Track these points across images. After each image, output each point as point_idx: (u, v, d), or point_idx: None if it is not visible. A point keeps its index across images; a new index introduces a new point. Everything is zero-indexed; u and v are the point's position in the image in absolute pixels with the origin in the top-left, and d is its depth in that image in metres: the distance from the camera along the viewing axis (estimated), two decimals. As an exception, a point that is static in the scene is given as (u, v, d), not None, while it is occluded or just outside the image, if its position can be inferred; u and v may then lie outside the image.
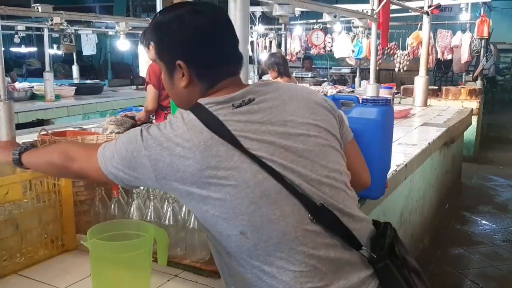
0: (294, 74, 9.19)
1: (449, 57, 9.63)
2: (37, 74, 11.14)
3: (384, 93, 6.30)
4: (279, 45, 10.53)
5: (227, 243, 1.38)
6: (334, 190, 1.45)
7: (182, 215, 1.89)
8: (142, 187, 2.09)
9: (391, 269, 1.45)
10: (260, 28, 10.08)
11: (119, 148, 1.44)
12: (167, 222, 1.87)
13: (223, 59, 1.52)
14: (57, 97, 8.17)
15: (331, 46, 9.76)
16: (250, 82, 1.87)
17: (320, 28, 9.73)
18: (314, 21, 9.88)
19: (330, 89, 8.29)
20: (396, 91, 7.74)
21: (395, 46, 9.50)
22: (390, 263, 1.45)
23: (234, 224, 1.34)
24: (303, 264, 1.34)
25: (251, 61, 9.51)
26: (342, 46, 9.30)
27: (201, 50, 1.48)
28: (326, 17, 4.80)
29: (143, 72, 6.22)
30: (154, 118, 4.88)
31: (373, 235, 1.52)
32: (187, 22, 1.47)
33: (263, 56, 9.42)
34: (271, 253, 1.35)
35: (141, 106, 5.48)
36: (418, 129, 5.21)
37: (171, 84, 1.54)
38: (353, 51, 9.46)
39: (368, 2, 5.84)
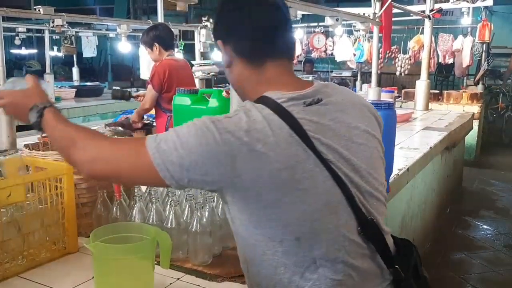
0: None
1: (451, 61, 9.62)
2: (38, 76, 11.12)
3: (385, 97, 6.30)
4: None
5: (274, 249, 1.33)
6: (379, 203, 1.45)
7: (184, 218, 1.89)
8: (144, 189, 2.08)
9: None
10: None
11: (186, 141, 1.27)
12: (169, 225, 1.86)
13: (266, 30, 1.45)
14: (57, 99, 8.17)
15: (332, 49, 9.74)
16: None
17: (321, 31, 9.71)
18: (315, 24, 9.87)
19: (331, 93, 8.27)
20: (397, 95, 7.73)
21: (397, 50, 9.49)
22: (413, 283, 1.46)
23: (294, 230, 1.30)
24: (342, 273, 1.34)
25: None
26: (344, 49, 9.28)
27: (234, 22, 1.46)
28: (328, 21, 4.80)
29: (143, 74, 6.21)
30: (154, 120, 4.86)
31: (394, 249, 1.51)
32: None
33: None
34: (317, 261, 1.33)
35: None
36: (419, 133, 5.21)
37: (229, 70, 1.52)
38: (354, 55, 9.45)
39: (370, 6, 5.84)
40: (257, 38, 1.45)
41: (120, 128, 4.23)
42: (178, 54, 7.11)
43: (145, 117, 4.84)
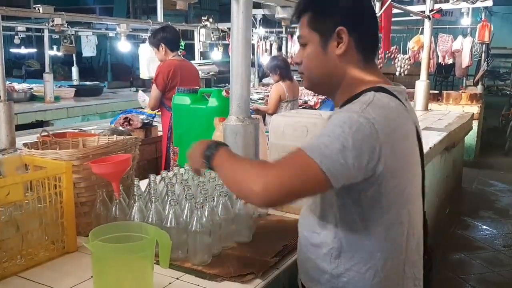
0: (295, 78, 9.16)
1: (450, 61, 9.63)
2: (37, 75, 11.14)
3: (385, 97, 6.28)
4: (279, 48, 10.52)
5: (390, 235, 1.45)
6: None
7: (184, 218, 1.88)
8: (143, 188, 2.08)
9: None
10: (261, 31, 10.06)
11: (347, 141, 1.29)
12: (168, 224, 1.85)
13: (376, 33, 1.60)
14: (57, 98, 8.17)
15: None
16: (250, 85, 1.87)
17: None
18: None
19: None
20: (397, 95, 7.73)
21: (396, 50, 9.49)
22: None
23: (402, 213, 1.45)
24: (415, 253, 1.55)
25: (252, 64, 9.50)
26: (343, 49, 9.27)
27: (365, 18, 1.54)
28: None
29: (143, 74, 6.21)
30: (153, 119, 4.87)
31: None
32: None
33: (264, 59, 9.41)
34: (407, 244, 1.50)
35: (141, 108, 5.46)
36: (419, 133, 5.19)
37: (324, 54, 1.52)
38: (354, 55, 9.45)
39: (370, 6, 5.83)
40: (375, 35, 1.60)
41: (120, 127, 4.23)
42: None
43: (145, 116, 4.86)
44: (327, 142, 1.30)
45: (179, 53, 4.79)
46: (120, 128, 4.31)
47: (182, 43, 6.94)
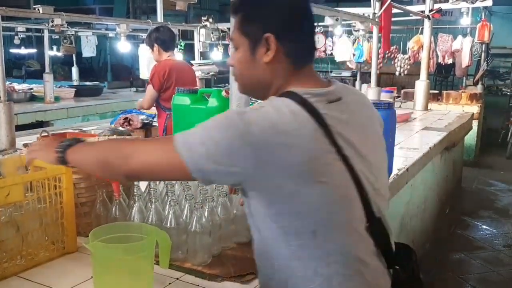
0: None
1: (450, 61, 9.62)
2: (37, 75, 11.13)
3: (385, 97, 6.30)
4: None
5: (290, 242, 1.35)
6: (384, 202, 1.49)
7: (183, 218, 1.88)
8: (143, 188, 2.08)
9: None
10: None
11: (212, 135, 1.29)
12: (168, 224, 1.85)
13: (312, 37, 1.51)
14: (57, 98, 8.17)
15: (332, 49, 9.74)
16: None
17: (321, 31, 9.70)
18: (315, 24, 9.86)
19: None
20: (396, 95, 7.74)
21: (396, 50, 9.49)
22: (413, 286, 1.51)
23: (311, 222, 1.33)
24: (352, 268, 1.37)
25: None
26: (343, 49, 9.28)
27: (293, 24, 1.45)
28: (328, 20, 4.80)
29: (143, 74, 6.22)
30: (153, 119, 4.88)
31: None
32: None
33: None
34: (331, 256, 1.35)
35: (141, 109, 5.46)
36: (419, 133, 5.20)
37: (252, 60, 1.47)
38: (354, 55, 9.45)
39: (370, 6, 5.84)
40: (310, 41, 1.50)
41: (120, 128, 4.23)
42: (178, 54, 7.11)
43: (145, 116, 4.85)
44: (195, 132, 1.33)
45: (176, 53, 4.81)
46: (120, 128, 4.31)
47: (182, 43, 6.95)
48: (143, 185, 2.09)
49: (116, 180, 1.74)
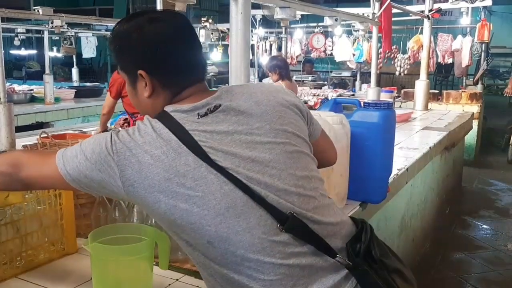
0: (294, 78, 9.17)
1: (450, 61, 9.63)
2: (37, 76, 11.13)
3: (385, 97, 6.30)
4: (279, 49, 10.53)
5: (195, 251, 1.37)
6: (302, 198, 1.41)
7: (183, 219, 1.88)
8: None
9: (369, 274, 1.42)
10: (260, 31, 10.06)
11: (85, 148, 1.37)
12: (168, 225, 1.85)
13: (185, 67, 1.48)
14: (57, 99, 8.17)
15: (332, 49, 9.75)
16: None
17: (321, 31, 9.72)
18: (315, 24, 9.87)
19: (331, 93, 8.28)
20: (396, 95, 7.74)
21: (396, 50, 9.50)
22: (367, 268, 1.42)
23: (201, 234, 1.32)
24: (272, 273, 1.33)
25: (252, 64, 9.49)
26: (343, 49, 9.29)
27: (162, 58, 1.43)
28: (327, 21, 4.80)
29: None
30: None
31: (350, 238, 1.48)
32: (146, 31, 1.43)
33: (264, 59, 9.41)
34: (240, 263, 1.33)
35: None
36: (419, 133, 5.20)
37: (135, 94, 1.50)
38: (353, 55, 9.46)
39: (369, 6, 5.84)
40: (185, 70, 1.48)
41: (119, 128, 4.25)
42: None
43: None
44: (74, 147, 1.42)
45: None
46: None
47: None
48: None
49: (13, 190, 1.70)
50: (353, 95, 8.79)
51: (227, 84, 2.84)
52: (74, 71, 11.01)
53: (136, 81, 1.47)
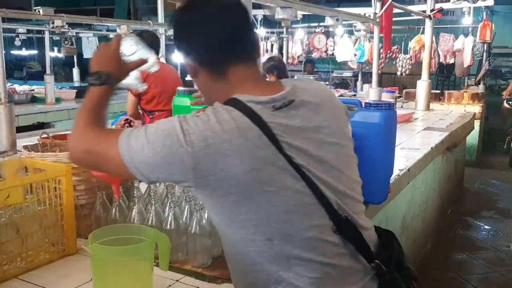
0: (296, 78, 9.16)
1: (452, 61, 9.62)
2: (38, 77, 11.13)
3: (386, 97, 6.29)
4: (280, 49, 10.53)
5: (247, 248, 1.35)
6: (354, 202, 1.45)
7: (183, 220, 1.88)
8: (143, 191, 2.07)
9: (398, 281, 1.46)
10: (261, 31, 10.07)
11: (153, 140, 1.28)
12: (168, 226, 1.85)
13: (218, 43, 1.44)
14: (58, 100, 8.16)
15: (333, 49, 9.75)
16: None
17: (322, 31, 9.71)
18: (316, 24, 9.87)
19: (332, 93, 8.26)
20: (398, 95, 7.73)
21: (397, 50, 9.49)
22: (397, 275, 1.46)
23: (263, 230, 1.31)
24: (319, 271, 1.34)
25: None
26: (344, 49, 9.29)
27: (191, 35, 1.44)
28: (328, 21, 4.79)
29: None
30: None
31: (377, 243, 1.52)
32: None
33: (264, 59, 9.40)
34: (292, 260, 1.33)
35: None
36: (420, 134, 5.19)
37: (195, 80, 1.52)
38: (355, 55, 9.45)
39: (371, 6, 5.83)
40: (219, 48, 1.43)
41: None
42: (179, 55, 7.06)
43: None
44: (138, 136, 1.32)
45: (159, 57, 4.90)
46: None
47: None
48: (143, 186, 2.08)
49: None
50: (354, 95, 8.78)
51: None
52: (75, 72, 11.02)
53: (188, 66, 1.49)
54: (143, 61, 1.78)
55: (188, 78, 5.87)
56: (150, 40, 4.66)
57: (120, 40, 1.67)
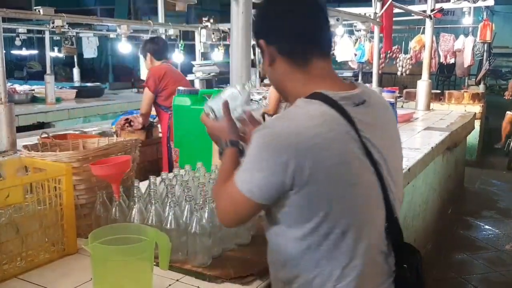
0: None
1: (452, 61, 9.61)
2: (38, 76, 11.14)
3: (386, 97, 6.27)
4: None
5: (319, 242, 1.37)
6: (399, 206, 1.53)
7: (183, 219, 1.87)
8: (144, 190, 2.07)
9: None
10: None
11: (256, 163, 1.36)
12: (168, 226, 1.84)
13: (309, 32, 1.49)
14: (58, 100, 8.16)
15: (333, 49, 9.73)
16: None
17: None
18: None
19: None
20: (398, 95, 7.72)
21: (398, 50, 9.48)
22: (415, 282, 1.54)
23: (342, 223, 1.35)
24: (371, 265, 1.41)
25: (253, 64, 9.46)
26: (345, 49, 9.27)
27: (280, 24, 1.48)
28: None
29: (144, 75, 6.23)
30: (153, 121, 4.88)
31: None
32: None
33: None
34: (356, 255, 1.38)
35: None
36: (421, 133, 5.19)
37: (264, 67, 1.55)
38: (355, 55, 9.44)
39: (371, 6, 5.83)
40: (303, 38, 1.48)
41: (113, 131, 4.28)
42: (179, 56, 7.11)
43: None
44: (246, 169, 1.39)
45: (178, 55, 5.04)
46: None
47: (182, 43, 6.95)
48: (143, 186, 2.08)
49: None
50: (354, 95, 8.76)
51: (228, 85, 2.84)
52: (75, 71, 11.01)
53: (263, 55, 1.52)
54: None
55: (189, 77, 5.93)
56: (160, 45, 4.81)
57: (228, 107, 1.76)
